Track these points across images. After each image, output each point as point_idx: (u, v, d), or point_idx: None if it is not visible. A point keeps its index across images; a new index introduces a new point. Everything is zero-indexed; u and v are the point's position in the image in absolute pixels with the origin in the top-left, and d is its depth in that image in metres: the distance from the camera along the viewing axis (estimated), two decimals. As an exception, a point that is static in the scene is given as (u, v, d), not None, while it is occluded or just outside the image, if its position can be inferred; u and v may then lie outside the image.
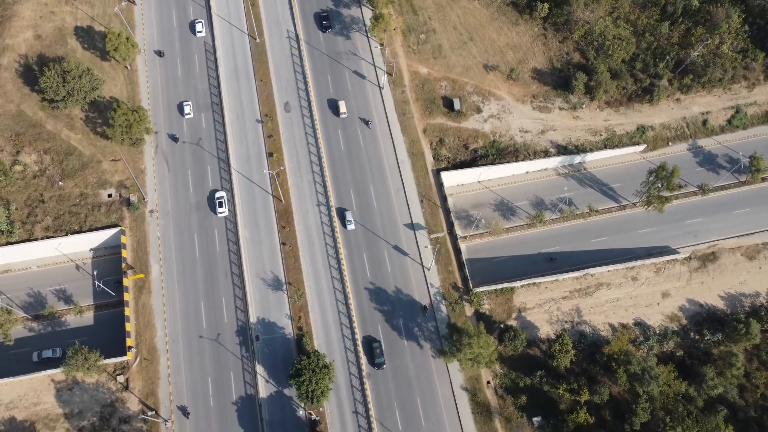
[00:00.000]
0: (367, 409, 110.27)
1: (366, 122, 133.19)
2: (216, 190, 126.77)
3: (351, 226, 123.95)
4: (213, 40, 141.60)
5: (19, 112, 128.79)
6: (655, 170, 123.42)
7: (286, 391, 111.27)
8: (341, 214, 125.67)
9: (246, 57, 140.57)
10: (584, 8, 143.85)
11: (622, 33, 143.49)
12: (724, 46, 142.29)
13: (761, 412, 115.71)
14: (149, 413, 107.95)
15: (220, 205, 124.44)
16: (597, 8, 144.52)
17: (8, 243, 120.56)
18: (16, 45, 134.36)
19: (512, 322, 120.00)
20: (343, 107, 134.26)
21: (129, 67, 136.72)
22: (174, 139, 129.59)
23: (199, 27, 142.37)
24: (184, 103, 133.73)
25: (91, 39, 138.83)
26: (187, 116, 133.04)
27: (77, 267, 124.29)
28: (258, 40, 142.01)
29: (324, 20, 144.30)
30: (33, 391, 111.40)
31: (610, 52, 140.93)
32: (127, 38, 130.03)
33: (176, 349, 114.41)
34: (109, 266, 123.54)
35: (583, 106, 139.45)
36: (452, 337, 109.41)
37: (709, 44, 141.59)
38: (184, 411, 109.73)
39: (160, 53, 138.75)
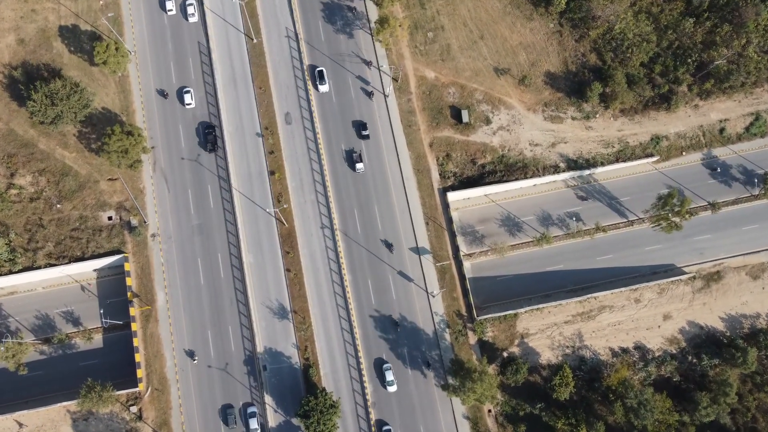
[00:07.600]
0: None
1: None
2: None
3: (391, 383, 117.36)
4: (207, 41, 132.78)
5: (10, 131, 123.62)
6: (665, 197, 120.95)
7: (294, 421, 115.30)
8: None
9: (243, 60, 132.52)
10: (605, 2, 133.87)
11: (643, 29, 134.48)
12: (750, 48, 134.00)
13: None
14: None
15: None
16: (619, 2, 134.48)
17: (10, 272, 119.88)
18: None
19: (514, 349, 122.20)
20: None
21: (121, 74, 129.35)
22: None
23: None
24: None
25: (78, 40, 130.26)
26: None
27: (82, 288, 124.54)
28: (255, 41, 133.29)
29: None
30: (50, 422, 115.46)
31: (628, 53, 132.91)
32: (117, 48, 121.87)
33: (186, 379, 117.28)
34: (113, 287, 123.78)
35: (597, 115, 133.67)
36: (456, 375, 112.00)
37: (734, 47, 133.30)
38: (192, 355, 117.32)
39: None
